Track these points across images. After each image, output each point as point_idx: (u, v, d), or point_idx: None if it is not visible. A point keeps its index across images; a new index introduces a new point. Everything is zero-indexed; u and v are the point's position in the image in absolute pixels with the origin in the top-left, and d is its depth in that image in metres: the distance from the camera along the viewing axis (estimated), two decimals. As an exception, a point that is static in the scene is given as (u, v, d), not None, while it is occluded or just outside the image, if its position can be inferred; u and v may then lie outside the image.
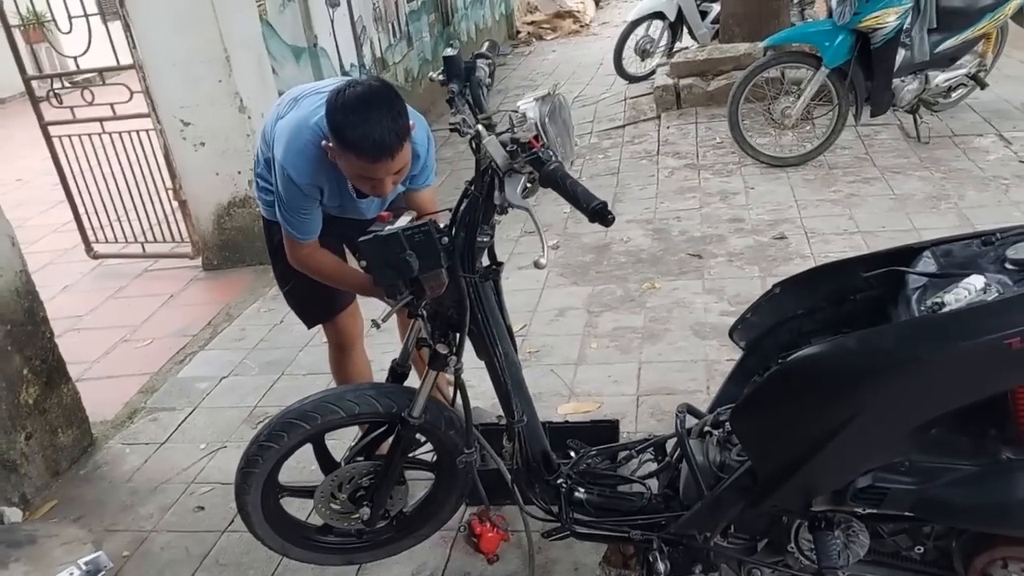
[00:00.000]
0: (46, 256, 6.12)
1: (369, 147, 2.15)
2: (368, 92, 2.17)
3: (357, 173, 2.27)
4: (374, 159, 2.18)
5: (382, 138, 2.15)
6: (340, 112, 2.16)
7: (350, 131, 2.15)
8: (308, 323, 3.03)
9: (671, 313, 4.07)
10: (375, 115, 2.15)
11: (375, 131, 2.14)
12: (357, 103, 2.15)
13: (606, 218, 1.80)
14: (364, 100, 2.16)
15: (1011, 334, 1.59)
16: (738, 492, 1.99)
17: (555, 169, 1.87)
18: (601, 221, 1.80)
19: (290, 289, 2.92)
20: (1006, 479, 1.79)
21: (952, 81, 5.80)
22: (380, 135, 2.14)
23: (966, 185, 5.05)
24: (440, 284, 2.08)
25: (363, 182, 2.31)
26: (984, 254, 1.88)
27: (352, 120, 2.15)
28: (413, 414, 2.29)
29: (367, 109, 2.15)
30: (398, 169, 2.27)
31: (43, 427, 3.40)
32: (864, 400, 1.73)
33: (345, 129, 2.16)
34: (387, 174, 2.25)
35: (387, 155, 2.18)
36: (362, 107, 2.15)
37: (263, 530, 2.50)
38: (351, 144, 2.17)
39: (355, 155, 2.19)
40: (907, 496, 1.85)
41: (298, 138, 2.39)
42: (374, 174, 2.24)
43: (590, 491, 2.32)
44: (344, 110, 2.16)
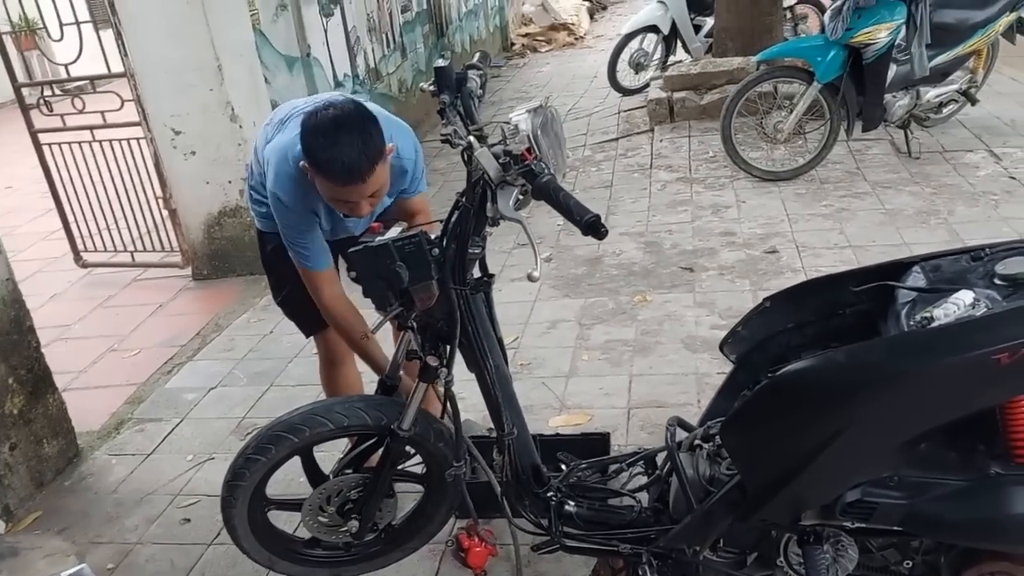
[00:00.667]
0: (35, 264, 6.09)
1: (338, 170, 2.14)
2: (340, 115, 2.17)
3: (331, 195, 2.27)
4: (343, 182, 2.17)
5: (351, 162, 2.14)
6: (311, 134, 2.17)
7: (320, 153, 2.15)
8: (306, 332, 3.01)
9: (662, 326, 4.06)
10: (345, 138, 2.14)
11: (344, 154, 2.13)
12: (329, 125, 2.15)
13: (599, 231, 1.79)
14: (336, 123, 2.15)
15: (999, 349, 1.59)
16: (727, 506, 1.98)
17: (548, 181, 1.87)
18: (594, 234, 1.80)
19: (284, 298, 2.91)
20: (994, 494, 1.78)
21: (943, 97, 5.83)
22: (349, 158, 2.13)
23: (956, 200, 5.06)
24: (430, 296, 2.07)
25: (339, 204, 2.31)
26: (973, 269, 1.88)
27: (322, 143, 2.14)
28: (403, 426, 2.27)
29: (337, 132, 2.14)
30: (372, 192, 2.24)
31: (28, 437, 3.37)
32: (853, 414, 1.73)
33: (315, 151, 2.16)
34: (360, 197, 2.24)
35: (356, 179, 2.16)
36: (333, 130, 2.14)
37: (249, 543, 2.47)
38: (321, 167, 2.16)
39: (325, 177, 2.18)
40: (896, 511, 1.84)
41: (284, 164, 2.39)
42: (347, 197, 2.23)
43: (580, 504, 2.31)
44: (315, 132, 2.16)
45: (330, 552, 2.59)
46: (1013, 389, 1.70)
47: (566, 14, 14.06)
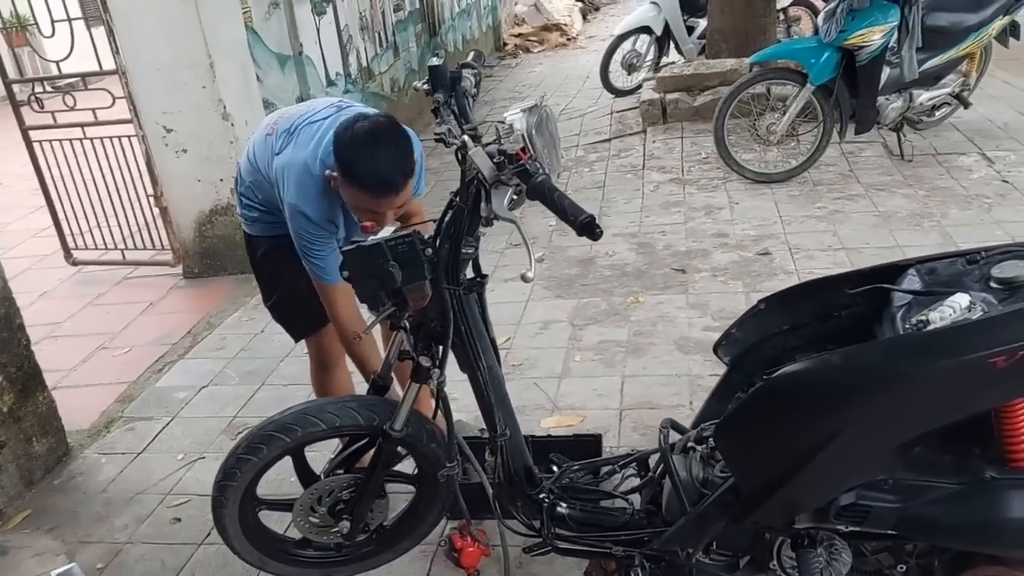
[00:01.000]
0: (25, 262, 6.06)
1: (374, 183, 2.19)
2: (376, 128, 2.22)
3: (359, 205, 2.30)
4: (378, 195, 2.22)
5: (389, 175, 2.20)
6: (348, 146, 2.20)
7: (357, 166, 2.19)
8: (295, 336, 3.00)
9: (655, 327, 4.06)
10: (383, 152, 2.19)
11: (383, 168, 2.19)
12: (366, 138, 2.20)
13: (594, 232, 1.78)
14: (373, 135, 2.20)
15: (995, 353, 1.58)
16: (721, 508, 1.97)
17: (542, 181, 1.86)
18: (589, 235, 1.79)
19: (274, 303, 2.91)
20: (989, 498, 1.78)
21: (936, 100, 5.84)
22: (387, 172, 2.20)
23: (949, 203, 5.07)
24: (423, 296, 2.06)
25: (363, 213, 2.33)
26: (969, 272, 1.88)
27: (360, 155, 2.19)
28: (395, 427, 2.26)
29: (375, 145, 2.19)
30: (400, 204, 2.30)
31: (17, 436, 3.35)
32: (848, 417, 1.72)
33: (352, 164, 2.20)
34: (390, 208, 2.28)
35: (392, 192, 2.22)
36: (370, 142, 2.19)
37: (240, 544, 2.46)
38: (357, 179, 2.20)
39: (360, 190, 2.22)
40: (890, 514, 1.84)
41: (307, 178, 2.42)
42: (376, 208, 2.27)
43: (572, 506, 2.30)
44: (352, 145, 2.20)
45: (321, 552, 2.58)
46: (1009, 392, 1.70)
47: (559, 14, 14.06)
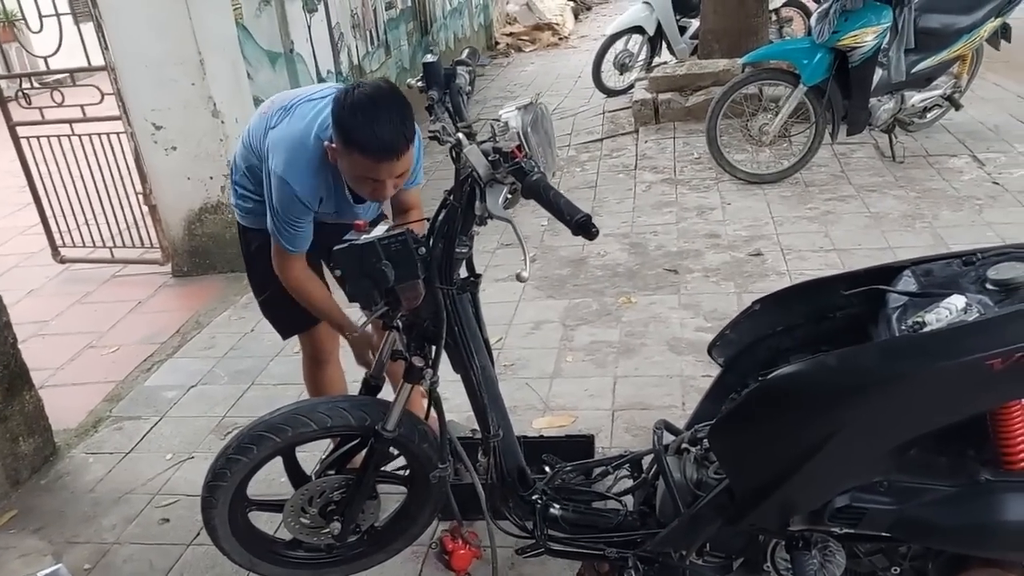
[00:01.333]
0: (12, 259, 6.01)
1: (377, 147, 2.14)
2: (377, 92, 2.17)
3: (360, 174, 2.25)
4: (379, 159, 2.17)
5: (391, 138, 2.15)
6: (349, 111, 2.15)
7: (358, 131, 2.14)
8: (284, 334, 2.98)
9: (647, 328, 4.05)
10: (384, 115, 2.14)
11: (384, 131, 2.13)
12: (367, 102, 2.14)
13: (590, 231, 1.77)
14: (373, 100, 2.15)
15: (992, 355, 1.58)
16: (715, 510, 1.96)
17: (538, 180, 1.84)
18: (585, 234, 1.77)
19: (266, 299, 2.87)
20: (984, 500, 1.77)
21: (927, 102, 5.86)
22: (389, 135, 2.14)
23: (941, 205, 5.08)
24: (416, 295, 2.04)
25: (364, 184, 2.29)
26: (965, 274, 1.87)
27: (361, 120, 2.13)
28: (387, 427, 2.24)
29: (376, 109, 2.14)
30: (401, 172, 2.26)
31: (3, 435, 3.31)
32: (844, 419, 1.71)
33: (353, 129, 2.15)
34: (390, 176, 2.24)
35: (393, 155, 2.17)
36: (371, 107, 2.14)
37: (230, 545, 2.43)
38: (359, 143, 2.15)
39: (361, 155, 2.17)
40: (885, 516, 1.83)
41: (301, 150, 2.37)
42: (377, 175, 2.22)
43: (565, 507, 2.29)
44: (353, 109, 2.14)
45: (312, 553, 2.56)
46: (1005, 395, 1.69)
47: (551, 14, 14.05)
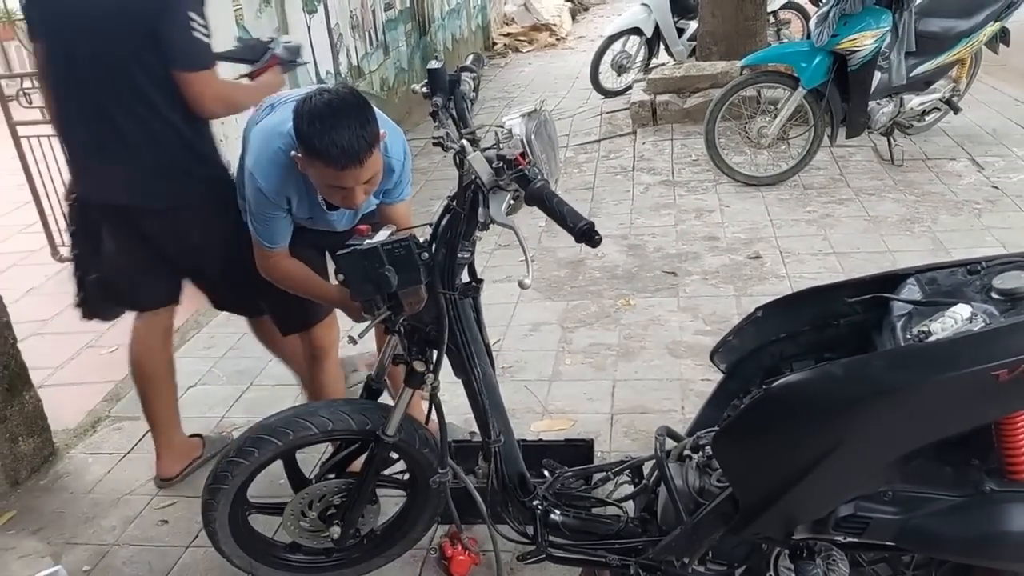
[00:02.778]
0: (11, 257, 5.98)
1: (336, 154, 2.12)
2: (336, 99, 2.15)
3: (326, 182, 2.24)
4: (342, 166, 2.15)
5: (350, 145, 2.12)
6: (307, 120, 2.14)
7: (317, 139, 2.12)
8: (284, 331, 2.98)
9: (646, 331, 4.05)
10: (343, 121, 2.12)
11: (343, 138, 2.11)
12: (325, 110, 2.13)
13: (593, 239, 1.77)
14: (332, 107, 2.13)
15: (998, 365, 1.58)
16: (719, 518, 1.96)
17: (541, 187, 1.84)
18: (588, 242, 1.78)
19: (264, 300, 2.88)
20: (988, 511, 1.77)
21: (926, 105, 5.87)
22: (348, 142, 2.12)
23: (939, 208, 5.08)
24: (419, 300, 2.04)
25: (333, 192, 2.28)
26: (970, 283, 1.87)
27: (319, 128, 2.12)
28: (388, 432, 2.24)
29: (334, 116, 2.12)
30: (368, 178, 2.24)
31: (2, 435, 3.30)
32: (849, 429, 1.71)
33: (312, 137, 2.13)
34: (356, 183, 2.22)
35: (355, 162, 2.15)
36: (329, 114, 2.12)
37: (230, 548, 2.44)
38: (318, 152, 2.13)
39: (323, 163, 2.15)
40: (890, 526, 1.83)
41: (268, 145, 2.38)
42: (343, 183, 2.21)
43: (566, 513, 2.29)
44: (311, 117, 2.13)
45: (311, 557, 2.56)
46: (1011, 405, 1.69)
47: (548, 14, 14.04)
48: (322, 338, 2.92)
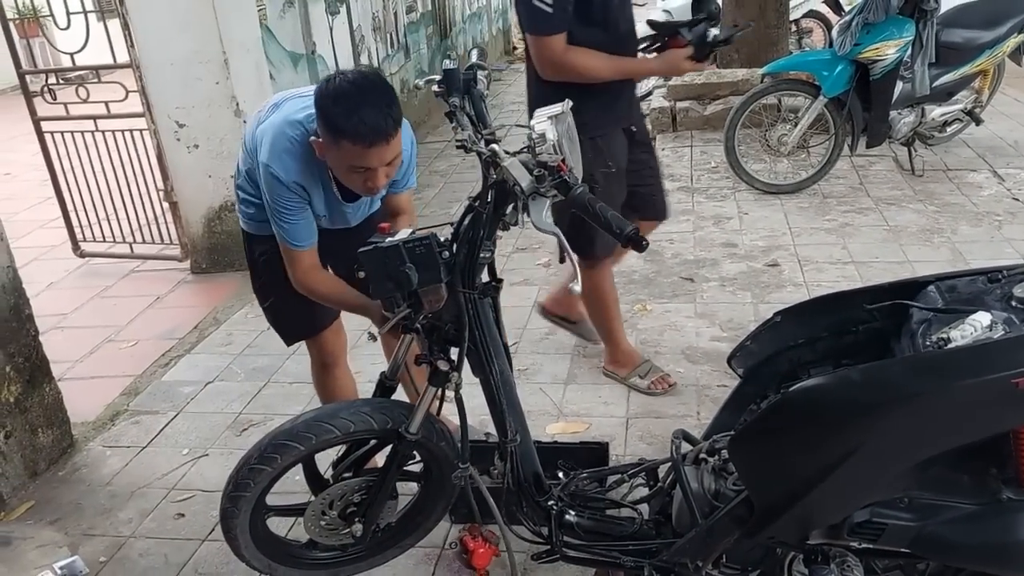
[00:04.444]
0: (32, 252, 6.04)
1: (365, 132, 2.11)
2: (360, 78, 2.16)
3: (350, 163, 2.22)
4: (369, 143, 2.14)
5: (377, 122, 2.12)
6: (332, 99, 2.14)
7: (344, 118, 2.12)
8: (287, 340, 2.98)
9: (662, 336, 4.05)
10: (370, 99, 2.13)
11: (369, 116, 2.11)
12: (351, 88, 2.13)
13: (640, 244, 1.78)
14: (357, 86, 2.14)
15: (1018, 373, 1.58)
16: (733, 522, 1.96)
17: (582, 193, 1.85)
18: (635, 247, 1.78)
19: (269, 306, 2.88)
20: (1005, 519, 1.77)
21: (948, 116, 5.86)
22: (375, 119, 2.11)
23: (959, 219, 5.07)
24: (439, 299, 2.05)
25: (354, 176, 2.26)
26: (990, 291, 1.87)
27: (346, 107, 2.12)
28: (411, 430, 2.25)
29: (361, 94, 2.13)
30: (391, 158, 2.23)
31: (23, 426, 3.34)
32: (866, 434, 1.71)
33: (338, 116, 2.13)
34: (380, 163, 2.20)
35: (382, 139, 2.14)
36: (356, 93, 2.13)
37: (250, 552, 2.42)
38: (346, 130, 2.12)
39: (350, 141, 2.14)
40: (905, 532, 1.83)
41: (282, 137, 2.36)
42: (368, 162, 2.19)
43: (581, 514, 2.29)
44: (336, 97, 2.13)
45: (328, 553, 2.57)
46: (1029, 414, 1.69)
47: (570, 19, 14.03)
48: (330, 344, 2.92)
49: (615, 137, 3.26)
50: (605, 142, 3.20)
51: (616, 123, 3.27)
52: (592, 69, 3.05)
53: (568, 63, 3.02)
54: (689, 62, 3.09)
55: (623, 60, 3.09)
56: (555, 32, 2.98)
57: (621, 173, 3.31)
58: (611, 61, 3.05)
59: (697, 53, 3.10)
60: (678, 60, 3.11)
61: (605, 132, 3.19)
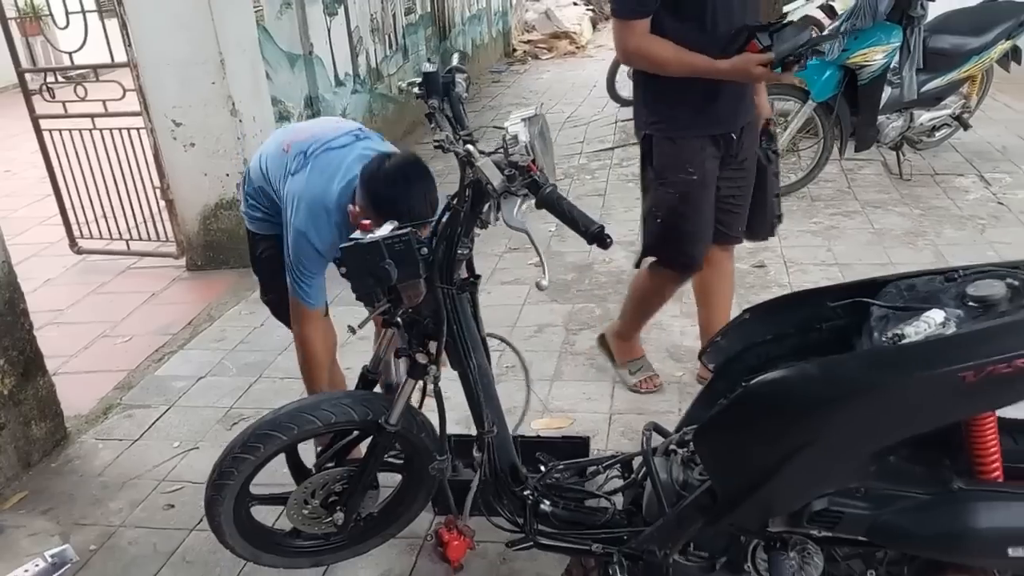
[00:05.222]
0: (30, 248, 6.12)
1: (407, 216, 2.25)
2: (406, 165, 2.38)
3: None
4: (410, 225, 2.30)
5: (422, 210, 2.31)
6: (383, 184, 2.35)
7: (392, 204, 2.30)
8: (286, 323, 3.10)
9: (648, 334, 4.09)
10: (416, 187, 2.35)
11: (416, 204, 2.31)
12: (398, 175, 2.35)
13: (604, 241, 1.86)
14: (404, 173, 2.35)
15: (965, 368, 1.64)
16: (698, 510, 2.03)
17: (551, 192, 1.92)
18: (600, 244, 1.87)
19: (269, 300, 3.09)
20: (955, 508, 1.83)
21: (936, 121, 5.93)
22: (420, 207, 2.31)
23: (944, 223, 5.13)
24: (418, 294, 2.11)
25: None
26: (946, 290, 1.93)
27: (395, 192, 2.33)
28: (391, 421, 2.32)
29: (408, 182, 2.35)
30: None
31: (16, 418, 3.41)
32: (822, 425, 1.78)
33: (387, 201, 2.32)
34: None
35: (422, 224, 2.28)
36: (403, 180, 2.35)
37: (235, 540, 2.51)
38: (391, 214, 2.23)
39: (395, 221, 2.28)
40: (862, 521, 1.89)
41: (322, 214, 2.57)
42: None
43: (555, 504, 2.36)
44: (387, 183, 2.35)
45: (311, 542, 2.64)
46: (978, 406, 1.76)
47: (569, 23, 14.13)
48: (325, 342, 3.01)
49: (701, 142, 3.00)
50: (687, 145, 3.00)
51: (707, 127, 2.99)
52: (659, 62, 2.86)
53: (637, 50, 2.87)
54: (762, 69, 2.73)
55: (694, 57, 2.80)
56: (632, 16, 2.83)
57: (706, 181, 3.05)
58: (681, 56, 2.81)
59: (776, 61, 2.72)
60: (749, 66, 2.75)
61: (689, 135, 2.99)
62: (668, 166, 2.99)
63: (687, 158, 2.99)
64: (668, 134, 2.96)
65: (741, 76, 2.80)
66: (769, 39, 2.72)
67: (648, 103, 3.05)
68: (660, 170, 3.05)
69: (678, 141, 2.99)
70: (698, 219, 3.08)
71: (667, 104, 2.95)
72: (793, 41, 2.70)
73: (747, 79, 2.86)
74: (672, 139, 2.97)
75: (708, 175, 3.04)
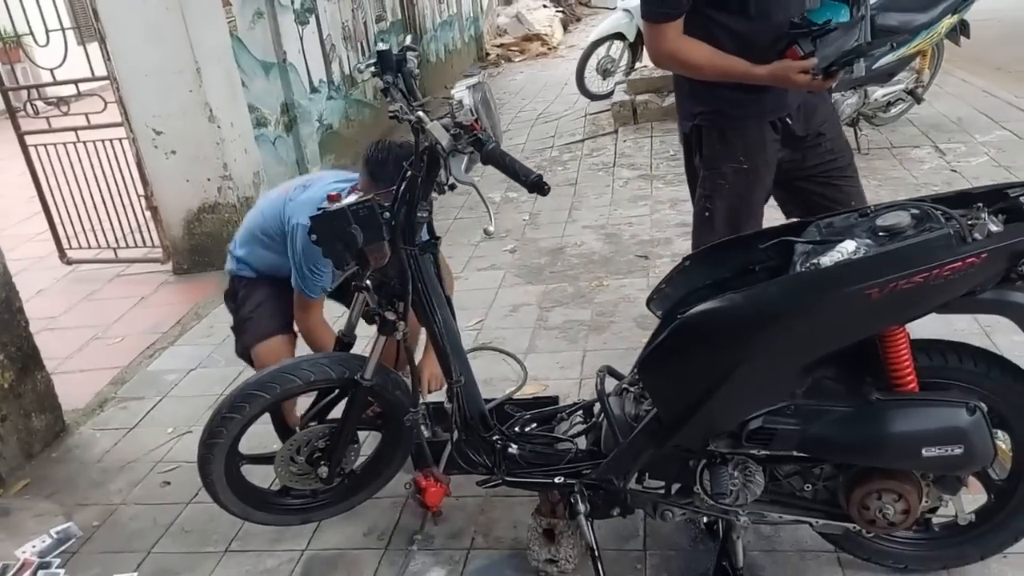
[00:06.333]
0: (21, 263, 6.25)
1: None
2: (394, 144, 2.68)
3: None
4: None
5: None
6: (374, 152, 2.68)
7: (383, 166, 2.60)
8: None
9: (617, 307, 4.31)
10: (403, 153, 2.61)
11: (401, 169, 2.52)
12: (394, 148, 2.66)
13: (543, 188, 2.05)
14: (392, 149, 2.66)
15: (870, 286, 1.85)
16: (647, 436, 2.22)
17: (494, 148, 2.12)
18: (539, 191, 2.05)
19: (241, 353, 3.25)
20: (874, 417, 2.04)
21: (890, 96, 6.13)
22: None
23: (899, 191, 5.33)
24: (383, 255, 2.31)
25: None
26: (859, 224, 2.12)
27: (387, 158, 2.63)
28: (365, 376, 2.52)
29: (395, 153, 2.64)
30: None
31: (17, 411, 3.58)
32: (751, 346, 1.99)
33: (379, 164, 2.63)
34: None
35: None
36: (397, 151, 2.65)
37: (227, 497, 2.69)
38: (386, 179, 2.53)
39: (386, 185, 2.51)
40: (793, 436, 2.09)
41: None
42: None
43: (522, 447, 2.55)
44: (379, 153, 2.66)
45: (299, 500, 2.83)
46: (885, 320, 1.96)
47: (540, 25, 14.36)
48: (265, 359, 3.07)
49: (755, 129, 2.80)
50: (737, 134, 2.81)
51: (759, 115, 2.77)
52: (693, 65, 2.70)
53: (670, 54, 2.68)
54: (804, 76, 2.54)
55: (730, 61, 2.62)
56: (662, 20, 2.64)
57: (760, 171, 2.86)
58: (715, 60, 2.64)
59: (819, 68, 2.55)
60: (789, 72, 2.56)
61: (739, 123, 2.81)
62: (718, 156, 2.86)
63: (739, 147, 2.83)
64: (718, 125, 2.84)
65: (780, 83, 2.63)
66: (812, 44, 2.57)
67: (695, 94, 2.89)
68: (709, 160, 2.92)
69: (728, 130, 2.83)
70: (748, 212, 2.95)
71: (714, 94, 2.82)
72: (837, 46, 2.60)
73: (788, 86, 2.66)
74: (722, 129, 2.83)
75: (761, 166, 2.86)
